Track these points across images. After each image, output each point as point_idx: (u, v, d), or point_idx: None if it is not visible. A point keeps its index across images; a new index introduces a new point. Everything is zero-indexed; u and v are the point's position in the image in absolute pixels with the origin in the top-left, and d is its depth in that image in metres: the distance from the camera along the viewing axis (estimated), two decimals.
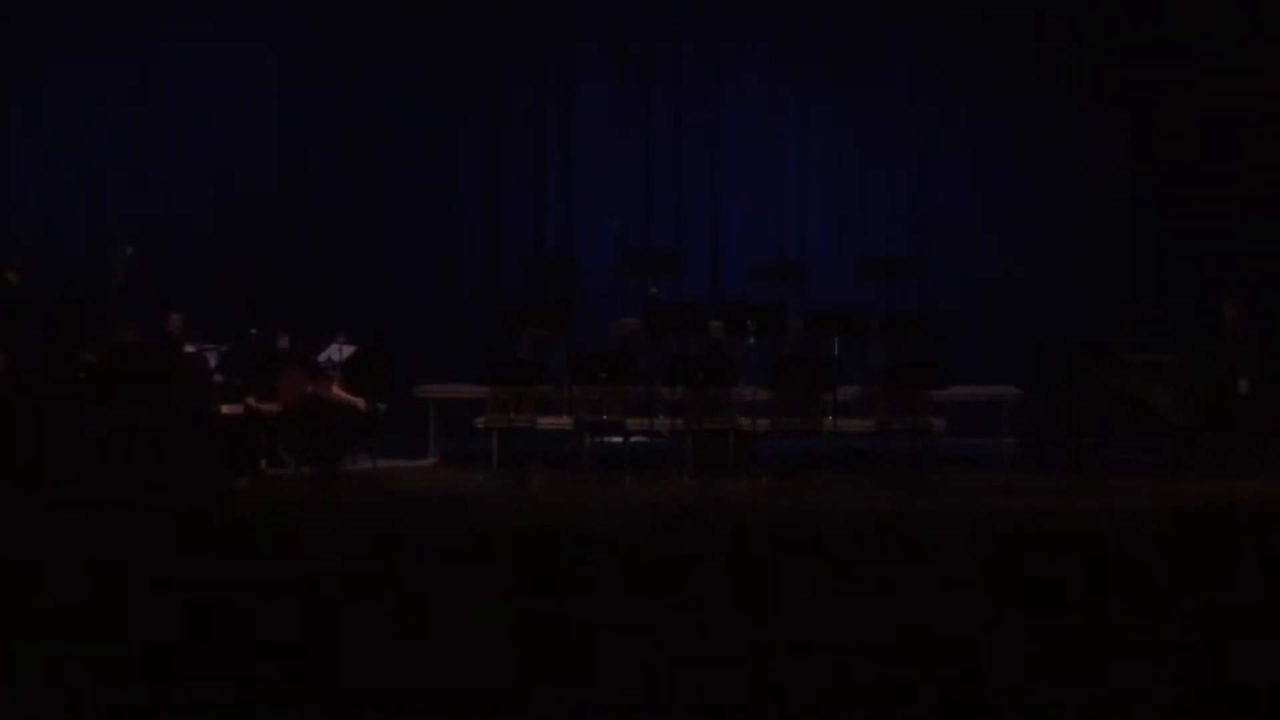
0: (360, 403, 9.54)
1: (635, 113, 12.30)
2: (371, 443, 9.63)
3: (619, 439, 9.68)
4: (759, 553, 6.14)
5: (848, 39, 12.31)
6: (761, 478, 9.12)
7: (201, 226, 11.59)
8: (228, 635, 4.45)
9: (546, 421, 9.68)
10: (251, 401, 9.24)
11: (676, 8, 12.27)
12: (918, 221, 12.07)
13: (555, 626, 4.70)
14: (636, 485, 9.02)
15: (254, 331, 9.87)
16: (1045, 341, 10.66)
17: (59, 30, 11.80)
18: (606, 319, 10.62)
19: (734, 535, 6.82)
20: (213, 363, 9.68)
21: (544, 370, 9.84)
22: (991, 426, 10.13)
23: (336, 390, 9.53)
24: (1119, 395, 9.68)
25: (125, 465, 7.90)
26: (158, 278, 10.31)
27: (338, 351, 9.95)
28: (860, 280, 10.44)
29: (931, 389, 9.50)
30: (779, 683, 4.11)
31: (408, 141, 12.09)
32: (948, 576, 5.57)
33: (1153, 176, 11.53)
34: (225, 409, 9.24)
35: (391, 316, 11.58)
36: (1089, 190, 11.79)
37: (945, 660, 4.34)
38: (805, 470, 9.25)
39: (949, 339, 10.09)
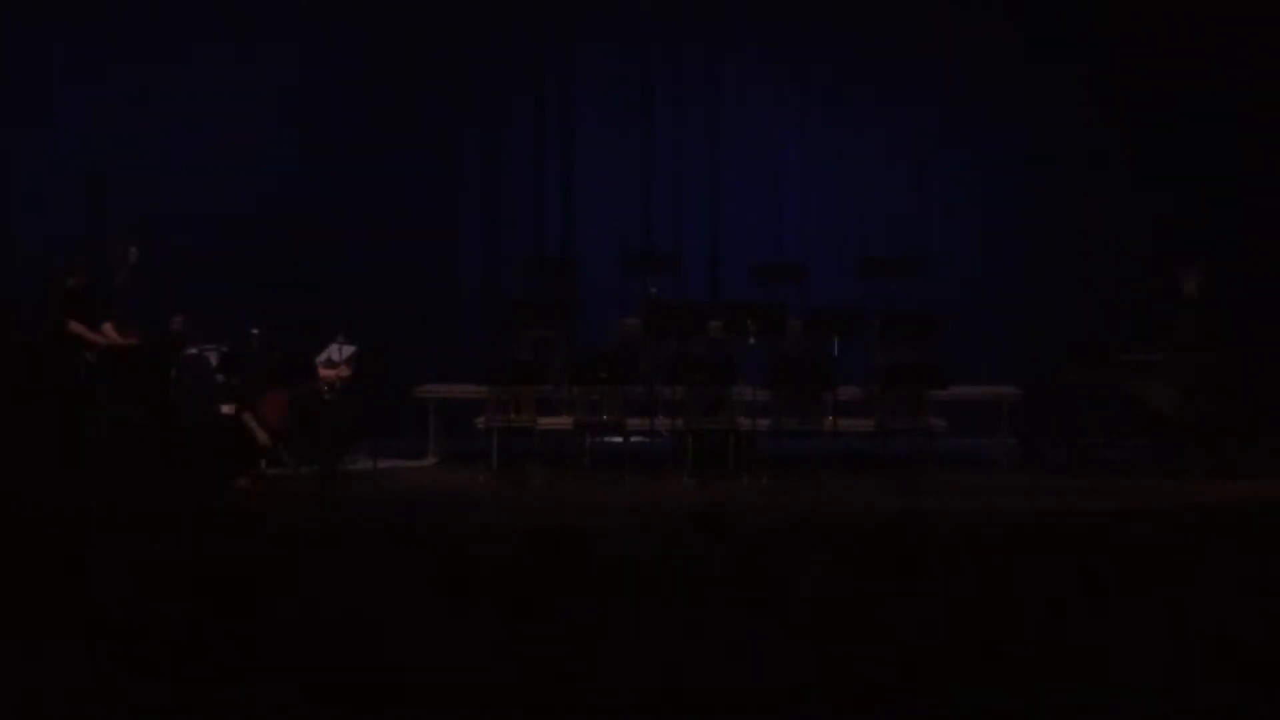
0: (341, 372, 9.62)
1: (635, 112, 12.28)
2: (373, 436, 9.66)
3: (619, 439, 9.68)
4: (759, 552, 6.15)
5: (847, 39, 12.29)
6: (761, 478, 9.12)
7: (203, 227, 11.56)
8: (227, 634, 4.46)
9: (546, 421, 9.67)
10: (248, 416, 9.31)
11: (677, 8, 12.27)
12: (918, 221, 12.06)
13: (555, 626, 4.70)
14: (636, 485, 9.02)
15: (255, 332, 9.88)
16: (1045, 341, 10.66)
17: (63, 30, 11.80)
18: (606, 319, 10.61)
19: (736, 535, 6.83)
20: (213, 363, 9.69)
21: (544, 370, 9.84)
22: (991, 426, 10.12)
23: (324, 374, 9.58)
24: (1119, 395, 9.68)
25: (125, 465, 7.91)
26: (160, 278, 10.31)
27: (338, 351, 9.96)
28: (860, 280, 10.44)
29: (931, 389, 9.50)
30: (779, 682, 4.11)
31: (408, 141, 12.08)
32: (947, 576, 5.58)
33: (1154, 175, 11.53)
34: (225, 409, 9.24)
35: (391, 316, 11.57)
36: (1090, 190, 11.78)
37: (945, 660, 4.34)
38: (805, 470, 9.25)
39: (949, 339, 10.09)
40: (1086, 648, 4.47)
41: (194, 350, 9.64)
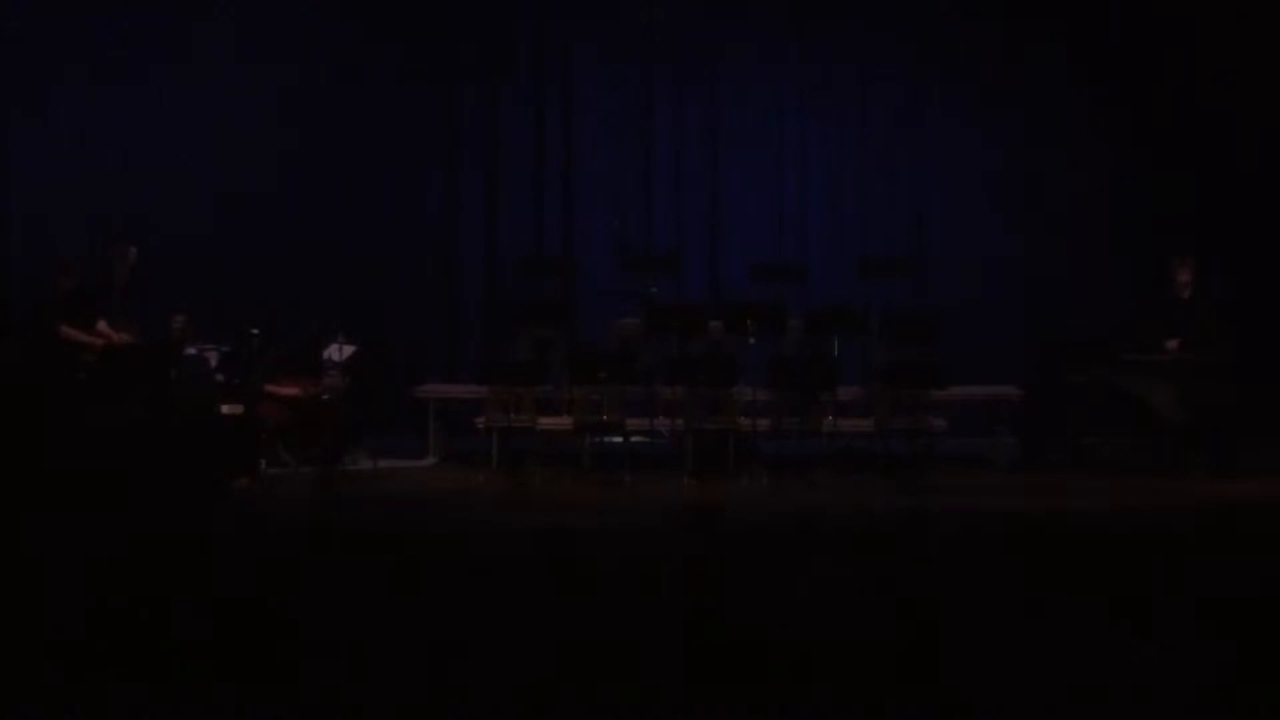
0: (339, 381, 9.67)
1: (635, 112, 12.30)
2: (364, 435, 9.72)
3: (619, 439, 9.68)
4: (759, 552, 6.15)
5: (847, 39, 12.31)
6: (761, 478, 9.12)
7: (201, 226, 11.57)
8: (226, 634, 4.46)
9: (546, 421, 9.67)
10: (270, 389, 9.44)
11: (677, 8, 12.27)
12: (918, 221, 12.06)
13: (555, 626, 4.70)
14: (636, 485, 9.02)
15: (255, 332, 9.87)
16: (1045, 341, 10.66)
17: (62, 29, 11.79)
18: (606, 319, 10.62)
19: (734, 535, 6.83)
20: (213, 363, 9.69)
21: (544, 370, 9.83)
22: (991, 427, 10.13)
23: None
24: (1119, 395, 9.68)
25: (125, 465, 7.90)
26: (159, 278, 10.31)
27: (338, 351, 9.96)
28: (860, 280, 10.44)
29: (931, 389, 9.49)
30: (778, 681, 4.11)
31: (408, 141, 12.09)
32: (948, 576, 5.58)
33: (1155, 175, 11.54)
34: (225, 409, 9.25)
35: (391, 316, 11.58)
36: (1090, 189, 11.79)
37: (945, 660, 4.34)
38: (805, 470, 9.25)
39: (949, 339, 10.09)
40: (1086, 647, 4.48)
41: (194, 350, 9.65)
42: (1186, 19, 11.52)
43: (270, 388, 9.55)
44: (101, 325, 8.99)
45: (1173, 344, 9.48)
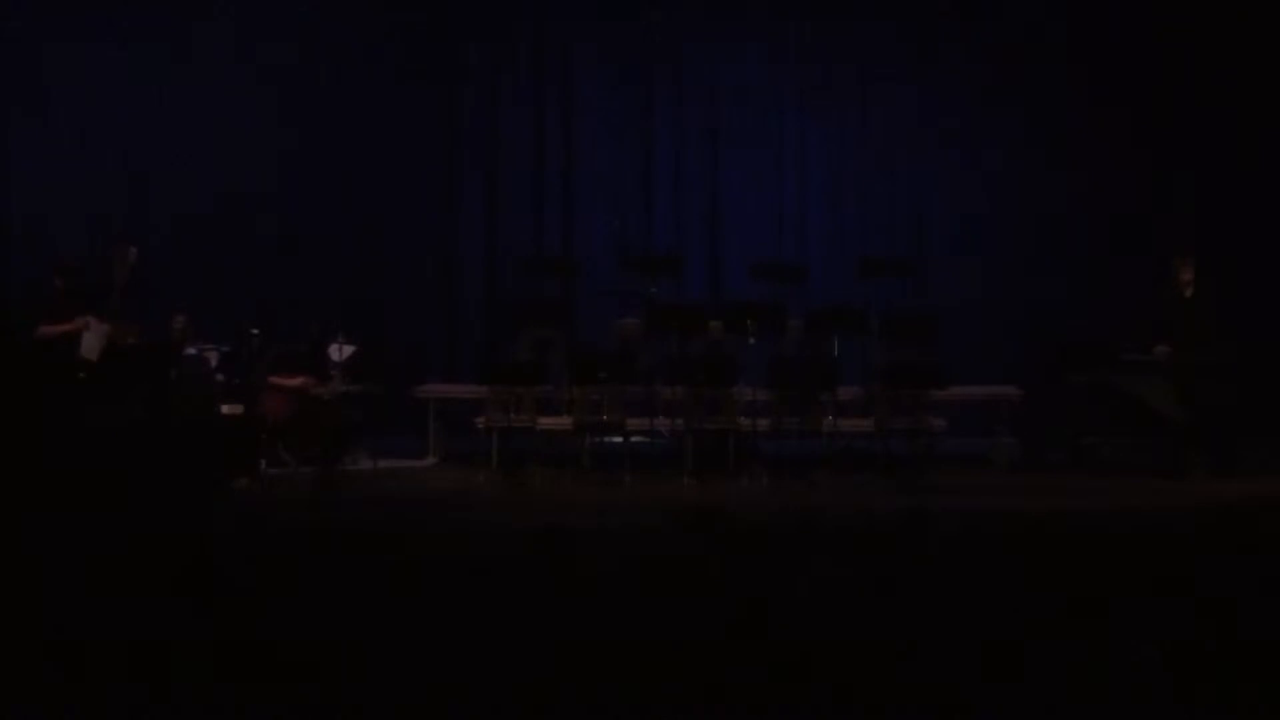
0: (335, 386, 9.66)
1: (635, 112, 12.31)
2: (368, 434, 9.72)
3: (619, 439, 9.68)
4: (759, 552, 6.14)
5: (847, 38, 12.33)
6: (761, 478, 9.12)
7: (201, 227, 11.58)
8: (226, 634, 4.45)
9: (546, 421, 9.68)
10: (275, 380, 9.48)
11: (676, 8, 12.28)
12: (917, 221, 12.07)
13: (555, 626, 4.70)
14: (636, 485, 9.02)
15: (255, 332, 9.88)
16: (1045, 341, 10.66)
17: (60, 29, 11.80)
18: (606, 319, 10.63)
19: (731, 534, 6.82)
20: (213, 363, 9.70)
21: (544, 370, 9.84)
22: (991, 426, 10.13)
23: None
24: (1119, 395, 9.68)
25: (125, 465, 7.90)
26: (159, 278, 10.31)
27: (338, 351, 9.96)
28: (860, 280, 10.45)
29: (931, 389, 9.50)
30: (778, 682, 4.11)
31: (408, 142, 12.10)
32: (948, 576, 5.58)
33: (1155, 175, 11.55)
34: (225, 409, 9.26)
35: (391, 316, 11.58)
36: (1090, 189, 11.80)
37: (945, 660, 4.34)
38: (805, 470, 9.25)
39: (949, 339, 10.10)
40: (1086, 648, 4.47)
41: (194, 350, 9.65)
42: (1186, 19, 11.53)
43: (274, 379, 9.55)
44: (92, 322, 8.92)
45: (1161, 349, 9.47)
